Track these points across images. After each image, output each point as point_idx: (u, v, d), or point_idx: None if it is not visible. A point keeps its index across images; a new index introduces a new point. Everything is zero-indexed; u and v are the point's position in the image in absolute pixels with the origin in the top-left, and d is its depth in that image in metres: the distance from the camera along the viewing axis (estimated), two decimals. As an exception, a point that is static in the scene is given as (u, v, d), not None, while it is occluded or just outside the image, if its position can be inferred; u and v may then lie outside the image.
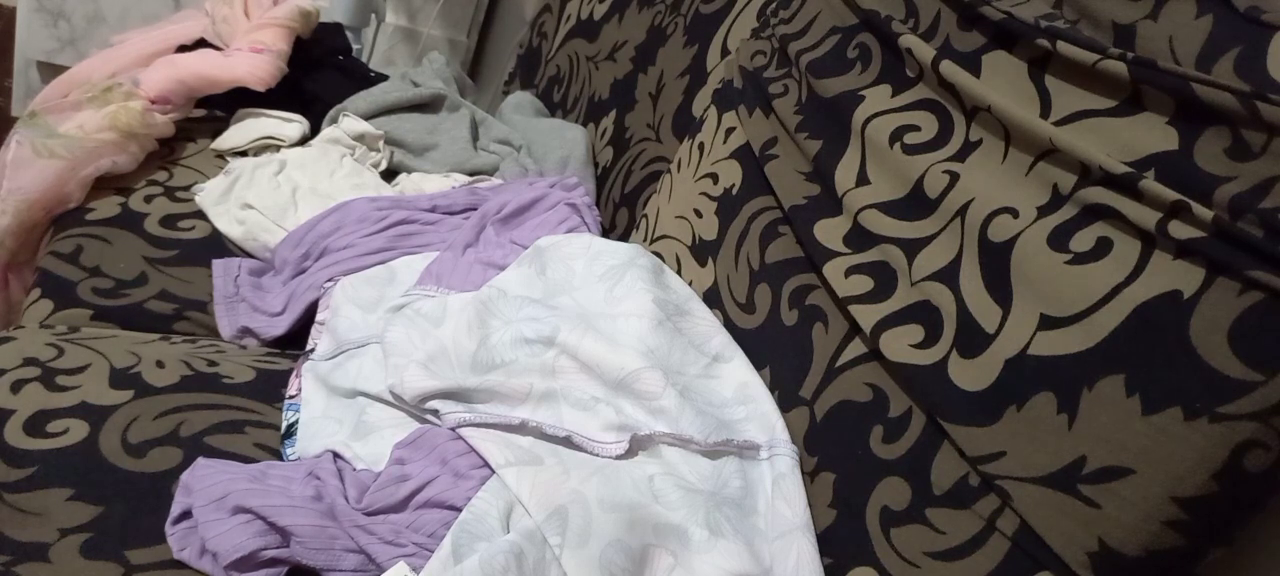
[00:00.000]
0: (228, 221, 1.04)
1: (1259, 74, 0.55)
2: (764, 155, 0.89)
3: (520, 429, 0.72)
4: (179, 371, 0.78)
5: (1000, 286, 0.64)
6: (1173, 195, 0.56)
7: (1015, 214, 0.64)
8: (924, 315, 0.68)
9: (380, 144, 1.23)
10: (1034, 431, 0.59)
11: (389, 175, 1.23)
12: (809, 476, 0.73)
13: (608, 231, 1.21)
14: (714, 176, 0.95)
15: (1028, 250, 0.63)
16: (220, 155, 1.19)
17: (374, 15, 1.82)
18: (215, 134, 1.22)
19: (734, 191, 0.92)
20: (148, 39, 1.28)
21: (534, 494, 0.63)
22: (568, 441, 0.71)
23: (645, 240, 1.04)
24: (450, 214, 1.08)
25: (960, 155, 0.71)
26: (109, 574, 0.60)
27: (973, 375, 0.63)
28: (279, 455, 0.74)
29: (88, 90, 1.11)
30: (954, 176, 0.70)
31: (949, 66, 0.73)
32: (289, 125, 1.21)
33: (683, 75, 1.15)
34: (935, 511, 0.64)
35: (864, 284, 0.73)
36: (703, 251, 0.93)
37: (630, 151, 1.21)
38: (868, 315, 0.72)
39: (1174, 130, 0.58)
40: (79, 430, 0.69)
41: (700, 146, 1.00)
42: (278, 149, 1.19)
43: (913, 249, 0.71)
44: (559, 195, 1.10)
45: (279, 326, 0.93)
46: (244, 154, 1.19)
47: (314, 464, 0.69)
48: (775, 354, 0.80)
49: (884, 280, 0.72)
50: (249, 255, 1.03)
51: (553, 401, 0.74)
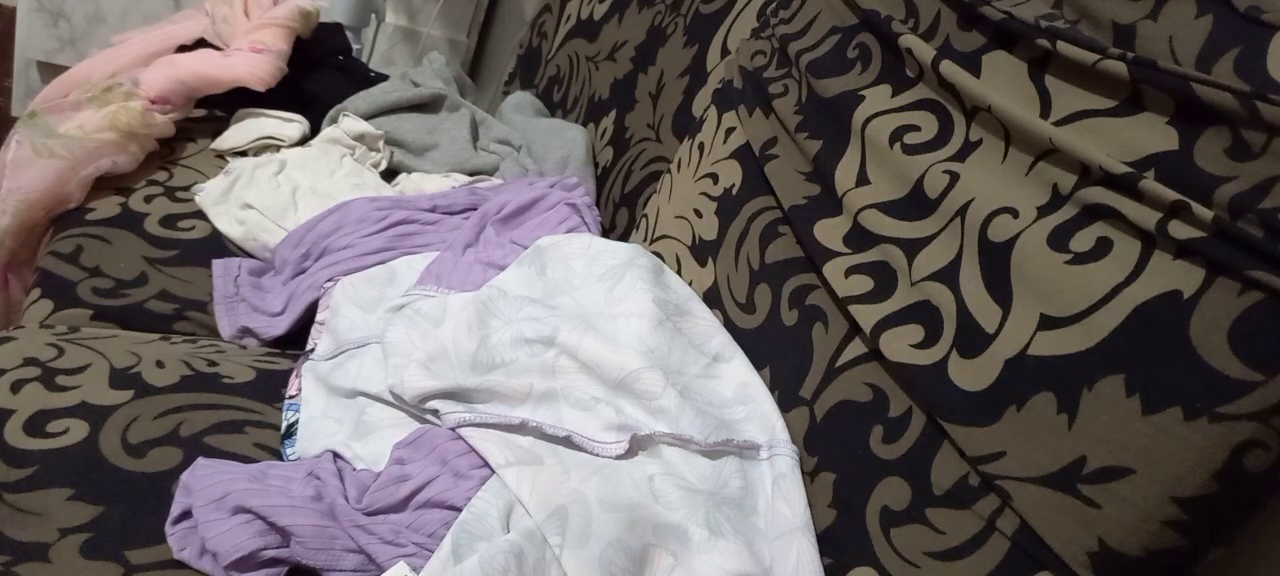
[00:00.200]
0: (228, 221, 1.04)
1: (1259, 74, 0.55)
2: (764, 155, 0.89)
3: (520, 429, 0.72)
4: (179, 371, 0.78)
5: (1000, 286, 0.64)
6: (1173, 195, 0.56)
7: (1015, 214, 0.64)
8: (924, 315, 0.68)
9: (380, 144, 1.23)
10: (1034, 431, 0.59)
11: (389, 175, 1.23)
12: (809, 476, 0.73)
13: (608, 231, 1.21)
14: (714, 176, 0.95)
15: (1028, 250, 0.63)
16: (220, 155, 1.19)
17: (374, 15, 1.82)
18: (215, 134, 1.22)
19: (734, 191, 0.92)
20: (148, 39, 1.28)
21: (534, 494, 0.63)
22: (568, 441, 0.71)
23: (645, 240, 1.04)
24: (450, 214, 1.08)
25: (960, 155, 0.71)
26: (109, 574, 0.60)
27: (973, 375, 0.63)
28: (279, 455, 0.74)
29: (88, 90, 1.11)
30: (954, 176, 0.70)
31: (949, 66, 0.73)
32: (289, 125, 1.21)
33: (683, 75, 1.15)
34: (935, 511, 0.64)
35: (864, 284, 0.73)
36: (703, 251, 0.93)
37: (630, 151, 1.21)
38: (868, 315, 0.72)
39: (1174, 130, 0.58)
40: (79, 430, 0.69)
41: (700, 146, 1.00)
42: (278, 149, 1.19)
43: (913, 249, 0.71)
44: (559, 195, 1.10)
45: (279, 326, 0.93)
46: (244, 154, 1.19)
47: (314, 464, 0.69)
48: (775, 354, 0.80)
49: (884, 280, 0.72)
50: (249, 255, 1.03)
51: (553, 401, 0.74)
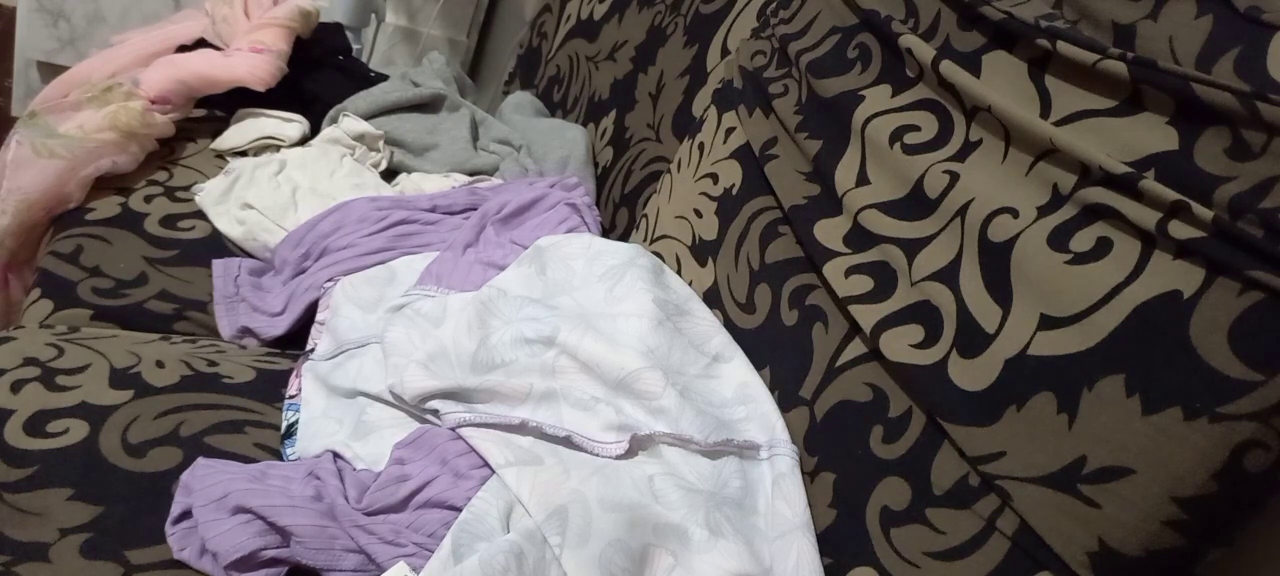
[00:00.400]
0: (228, 221, 1.04)
1: (1259, 74, 0.55)
2: (764, 155, 0.89)
3: (520, 429, 0.72)
4: (179, 371, 0.78)
5: (1000, 286, 0.64)
6: (1173, 195, 0.56)
7: (1015, 214, 0.64)
8: (924, 315, 0.68)
9: (380, 144, 1.23)
10: (1034, 431, 0.59)
11: (389, 175, 1.23)
12: (809, 476, 0.73)
13: (608, 231, 1.21)
14: (714, 176, 0.95)
15: (1028, 250, 0.63)
16: (220, 155, 1.19)
17: (374, 15, 1.82)
18: (215, 134, 1.22)
19: (734, 191, 0.92)
20: (148, 39, 1.28)
21: (534, 494, 0.63)
22: (568, 441, 0.71)
23: (645, 240, 1.04)
24: (450, 214, 1.08)
25: (960, 155, 0.71)
26: (109, 574, 0.60)
27: (973, 375, 0.63)
28: (279, 455, 0.74)
29: (88, 90, 1.10)
30: (954, 176, 0.70)
31: (949, 66, 0.73)
32: (289, 125, 1.21)
33: (683, 75, 1.15)
34: (935, 511, 0.64)
35: (864, 284, 0.73)
36: (703, 251, 0.93)
37: (630, 151, 1.21)
38: (868, 315, 0.72)
39: (1174, 130, 0.58)
40: (79, 430, 0.69)
41: (700, 146, 1.00)
42: (278, 149, 1.19)
43: (913, 249, 0.71)
44: (559, 195, 1.10)
45: (279, 326, 0.93)
46: (244, 154, 1.19)
47: (314, 464, 0.69)
48: (775, 354, 0.80)
49: (884, 280, 0.72)
50: (249, 255, 1.03)
51: (553, 401, 0.74)
